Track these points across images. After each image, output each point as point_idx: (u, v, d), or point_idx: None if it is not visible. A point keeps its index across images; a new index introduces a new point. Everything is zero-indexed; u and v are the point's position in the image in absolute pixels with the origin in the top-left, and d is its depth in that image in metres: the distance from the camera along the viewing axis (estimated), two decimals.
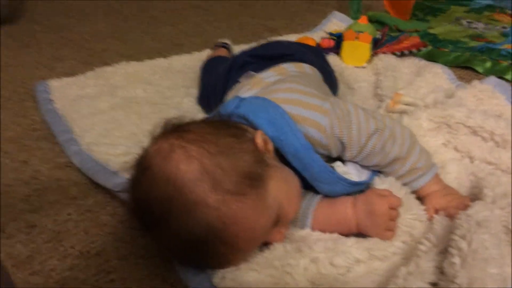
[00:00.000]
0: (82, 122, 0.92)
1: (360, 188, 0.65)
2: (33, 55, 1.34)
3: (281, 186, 0.57)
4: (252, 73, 0.82)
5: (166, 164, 0.52)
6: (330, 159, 0.66)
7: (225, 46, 1.23)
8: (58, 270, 0.61)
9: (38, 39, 1.48)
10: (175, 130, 0.57)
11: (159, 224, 0.52)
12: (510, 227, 0.57)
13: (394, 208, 0.60)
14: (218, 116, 0.65)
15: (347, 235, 0.60)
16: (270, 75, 0.79)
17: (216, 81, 0.93)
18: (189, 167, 0.51)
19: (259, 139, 0.58)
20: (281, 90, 0.68)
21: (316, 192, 0.65)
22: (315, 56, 0.94)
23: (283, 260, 0.56)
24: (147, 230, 0.56)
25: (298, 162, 0.61)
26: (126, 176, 0.74)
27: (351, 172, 0.65)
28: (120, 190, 0.72)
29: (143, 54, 1.35)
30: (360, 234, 0.61)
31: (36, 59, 1.31)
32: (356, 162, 0.67)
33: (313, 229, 0.62)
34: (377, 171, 0.67)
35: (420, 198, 0.66)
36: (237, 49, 1.24)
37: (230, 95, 0.81)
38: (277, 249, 0.58)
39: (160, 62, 1.24)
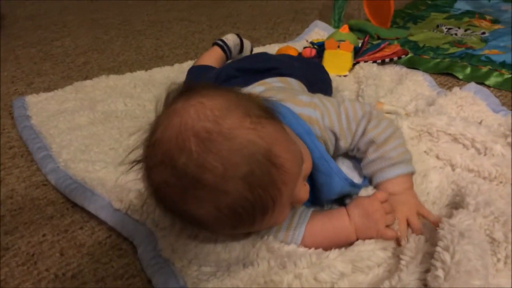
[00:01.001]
0: (60, 138, 0.90)
1: (354, 191, 0.65)
2: (11, 71, 1.32)
3: (292, 132, 0.58)
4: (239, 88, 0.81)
5: (188, 108, 0.49)
6: None
7: (218, 43, 1.18)
8: None
9: (17, 54, 1.45)
10: (181, 91, 0.53)
11: (203, 172, 0.47)
12: (493, 236, 0.57)
13: (385, 201, 0.61)
14: None
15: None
16: (252, 87, 0.78)
17: None
18: (214, 102, 0.50)
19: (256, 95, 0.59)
20: (271, 94, 0.68)
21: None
22: (302, 66, 0.93)
23: (266, 277, 0.55)
24: (186, 195, 0.49)
25: None
26: (104, 195, 0.72)
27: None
28: (97, 213, 0.70)
29: (125, 67, 1.34)
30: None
31: (14, 74, 1.29)
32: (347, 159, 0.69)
33: (306, 243, 0.61)
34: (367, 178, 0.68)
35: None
36: None
37: None
38: (261, 265, 0.56)
39: (141, 74, 1.23)
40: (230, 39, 1.20)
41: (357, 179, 0.68)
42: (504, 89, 1.09)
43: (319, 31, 1.45)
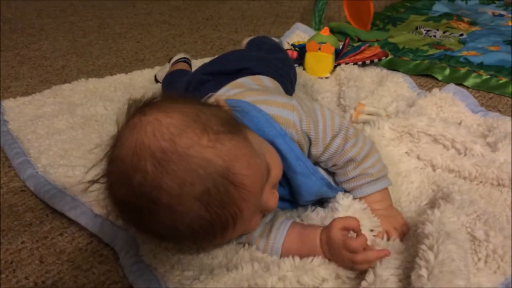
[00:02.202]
0: (38, 143, 0.89)
1: (332, 194, 0.65)
2: None
3: (259, 142, 0.57)
4: (212, 93, 0.79)
5: (145, 126, 0.48)
6: None
7: (185, 60, 1.21)
8: None
9: None
10: (141, 106, 0.52)
11: (159, 191, 0.46)
12: (474, 234, 0.57)
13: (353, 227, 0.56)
14: None
15: None
16: (226, 89, 0.76)
17: None
18: (171, 119, 0.49)
19: (226, 107, 0.58)
20: (246, 95, 0.67)
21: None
22: (274, 63, 0.92)
23: (251, 280, 0.54)
24: (142, 212, 0.48)
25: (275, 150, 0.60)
26: (84, 200, 0.71)
27: None
28: (77, 219, 0.69)
29: (105, 70, 1.32)
30: None
31: None
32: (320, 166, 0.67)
33: (284, 255, 0.60)
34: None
35: None
36: (202, 62, 1.22)
37: None
38: (245, 269, 0.56)
39: (121, 77, 1.22)
40: (185, 56, 1.22)
41: (333, 183, 0.67)
42: (482, 90, 1.11)
43: (300, 34, 1.45)
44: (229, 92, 0.73)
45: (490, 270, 0.56)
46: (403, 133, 0.79)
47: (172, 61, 1.20)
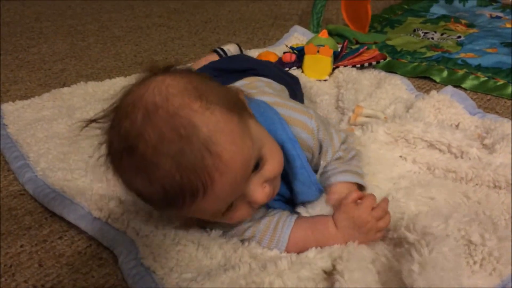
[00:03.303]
0: (38, 146, 0.89)
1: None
2: None
3: (262, 132, 0.57)
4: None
5: (151, 82, 0.51)
6: None
7: (216, 51, 1.20)
8: None
9: None
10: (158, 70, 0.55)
11: (139, 140, 0.48)
12: (470, 239, 0.58)
13: (376, 208, 0.60)
14: None
15: None
16: (243, 83, 0.77)
17: None
18: (174, 81, 0.51)
19: (242, 96, 0.59)
20: (267, 94, 0.70)
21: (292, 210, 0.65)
22: (278, 70, 0.93)
23: (248, 278, 0.54)
24: (121, 157, 0.50)
25: (283, 154, 0.61)
26: (83, 203, 0.71)
27: None
28: (76, 222, 0.69)
29: (104, 73, 1.32)
30: None
31: None
32: None
33: (289, 251, 0.61)
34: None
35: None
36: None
37: None
38: (242, 268, 0.56)
39: (120, 81, 1.22)
40: (231, 50, 1.21)
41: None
42: (480, 92, 1.12)
43: (298, 36, 1.45)
44: (249, 91, 0.73)
45: (485, 272, 0.56)
46: (399, 138, 0.80)
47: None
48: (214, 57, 1.17)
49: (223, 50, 1.20)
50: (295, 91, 0.93)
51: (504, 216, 0.66)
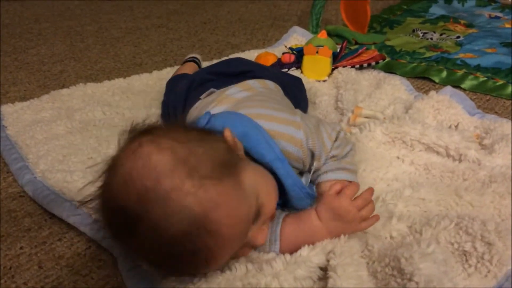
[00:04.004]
0: (37, 148, 0.89)
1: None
2: None
3: (256, 178, 0.56)
4: (214, 89, 0.81)
5: (137, 159, 0.49)
6: None
7: (194, 60, 1.22)
8: None
9: None
10: (142, 132, 0.54)
11: (137, 223, 0.48)
12: (464, 249, 0.58)
13: (358, 197, 0.60)
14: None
15: None
16: (237, 90, 0.78)
17: (175, 99, 0.91)
18: (161, 157, 0.49)
19: (228, 134, 0.58)
20: (252, 106, 0.68)
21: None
22: (275, 72, 0.94)
23: (244, 280, 0.54)
24: (123, 236, 0.51)
25: (272, 174, 0.61)
26: (83, 206, 0.71)
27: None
28: (76, 224, 0.69)
29: (103, 74, 1.32)
30: None
31: None
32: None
33: (282, 249, 0.61)
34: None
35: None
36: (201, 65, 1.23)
37: (194, 113, 0.79)
38: (239, 270, 0.56)
39: (119, 82, 1.22)
40: (196, 56, 1.25)
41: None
42: (479, 92, 1.12)
43: (297, 37, 1.46)
44: (237, 95, 0.74)
45: (480, 274, 0.57)
46: (396, 139, 0.80)
47: (185, 59, 1.22)
48: (191, 64, 1.18)
49: (197, 58, 1.23)
50: (295, 92, 0.93)
51: (495, 219, 0.66)
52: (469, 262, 0.57)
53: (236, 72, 0.88)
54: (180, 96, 0.89)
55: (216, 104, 0.74)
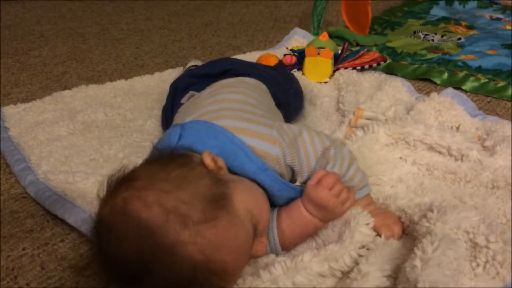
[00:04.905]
0: (39, 149, 0.89)
1: None
2: None
3: (246, 197, 0.56)
4: (194, 92, 0.81)
5: (127, 220, 0.49)
6: None
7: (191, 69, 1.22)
8: None
9: None
10: (121, 183, 0.53)
11: (142, 277, 0.48)
12: (476, 240, 0.57)
13: (335, 185, 0.60)
14: (159, 152, 0.61)
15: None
16: (207, 92, 0.78)
17: (165, 107, 0.92)
18: (152, 213, 0.49)
19: (207, 159, 0.57)
20: (226, 117, 0.65)
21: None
22: (264, 69, 0.92)
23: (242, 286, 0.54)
24: (130, 286, 0.50)
25: (257, 183, 0.61)
26: (84, 207, 0.71)
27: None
28: (78, 225, 0.69)
29: (105, 76, 1.33)
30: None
31: None
32: None
33: (283, 246, 0.61)
34: None
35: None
36: None
37: (177, 119, 0.78)
38: None
39: (121, 83, 1.22)
40: (197, 63, 1.22)
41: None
42: (480, 94, 1.12)
43: (298, 38, 1.46)
44: (209, 108, 0.70)
45: (488, 276, 0.56)
46: (399, 140, 0.80)
47: (185, 68, 1.21)
48: None
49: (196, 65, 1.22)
50: (287, 90, 0.93)
51: (501, 220, 0.66)
52: (477, 260, 0.56)
53: (216, 73, 0.86)
54: (167, 103, 0.89)
55: (192, 111, 0.71)
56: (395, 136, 0.79)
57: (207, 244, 0.49)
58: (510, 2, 1.78)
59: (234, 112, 0.68)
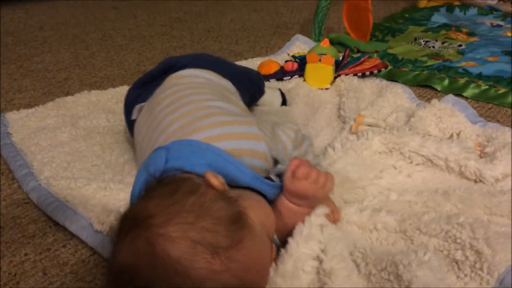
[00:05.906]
0: (41, 155, 0.89)
1: None
2: None
3: (256, 210, 0.56)
4: (141, 104, 0.79)
5: (155, 261, 0.46)
6: None
7: None
8: None
9: None
10: (135, 223, 0.49)
11: None
12: (455, 258, 0.59)
13: (310, 173, 0.60)
14: (152, 179, 0.56)
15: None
16: (164, 101, 0.73)
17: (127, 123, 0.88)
18: (179, 249, 0.46)
19: (215, 181, 0.54)
20: (203, 128, 0.64)
21: None
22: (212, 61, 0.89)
23: None
24: None
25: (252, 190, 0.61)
26: (85, 215, 0.71)
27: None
28: (78, 231, 0.70)
29: (107, 82, 1.33)
30: None
31: None
32: None
33: (280, 238, 0.62)
34: None
35: None
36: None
37: (145, 139, 0.72)
38: None
39: (123, 89, 1.22)
40: None
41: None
42: (481, 100, 1.12)
43: (300, 45, 1.47)
44: (171, 128, 0.66)
45: (475, 282, 0.57)
46: (394, 150, 0.80)
47: None
48: None
49: None
50: (252, 81, 0.95)
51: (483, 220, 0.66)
52: (464, 271, 0.58)
53: (156, 74, 0.84)
54: (129, 124, 0.85)
55: (160, 127, 0.68)
56: (390, 146, 0.79)
57: (239, 268, 0.48)
58: (511, 9, 1.79)
59: (208, 119, 0.66)
